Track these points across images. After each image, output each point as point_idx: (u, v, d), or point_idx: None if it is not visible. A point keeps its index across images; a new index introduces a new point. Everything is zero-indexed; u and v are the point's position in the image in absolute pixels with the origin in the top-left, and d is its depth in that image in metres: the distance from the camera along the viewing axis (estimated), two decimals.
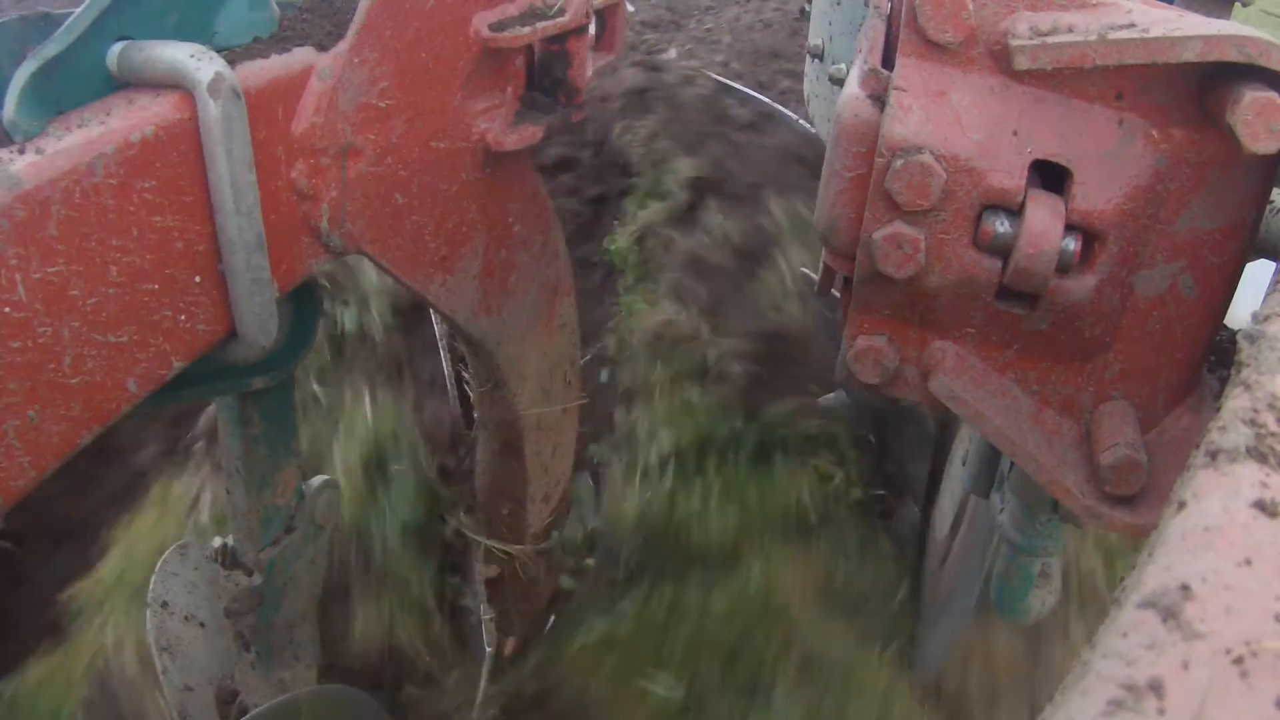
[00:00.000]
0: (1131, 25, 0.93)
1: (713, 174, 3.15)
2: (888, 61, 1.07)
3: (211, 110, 1.09)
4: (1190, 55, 0.88)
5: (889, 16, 1.19)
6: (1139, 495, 0.99)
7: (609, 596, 2.52)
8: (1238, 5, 1.53)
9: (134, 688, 2.19)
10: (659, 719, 2.27)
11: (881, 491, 2.72)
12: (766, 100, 3.41)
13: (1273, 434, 0.57)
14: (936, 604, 2.37)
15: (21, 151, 0.98)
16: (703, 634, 2.37)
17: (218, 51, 1.12)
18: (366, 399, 2.67)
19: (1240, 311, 0.95)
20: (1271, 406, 0.60)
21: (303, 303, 1.58)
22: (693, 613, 2.41)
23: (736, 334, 2.83)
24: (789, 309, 2.84)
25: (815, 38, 2.55)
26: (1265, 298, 0.83)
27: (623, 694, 2.29)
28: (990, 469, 1.58)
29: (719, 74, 3.70)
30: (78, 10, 1.05)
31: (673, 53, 4.09)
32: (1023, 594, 1.53)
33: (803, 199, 2.97)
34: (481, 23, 1.51)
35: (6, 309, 0.96)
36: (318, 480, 1.89)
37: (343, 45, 1.31)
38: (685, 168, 3.20)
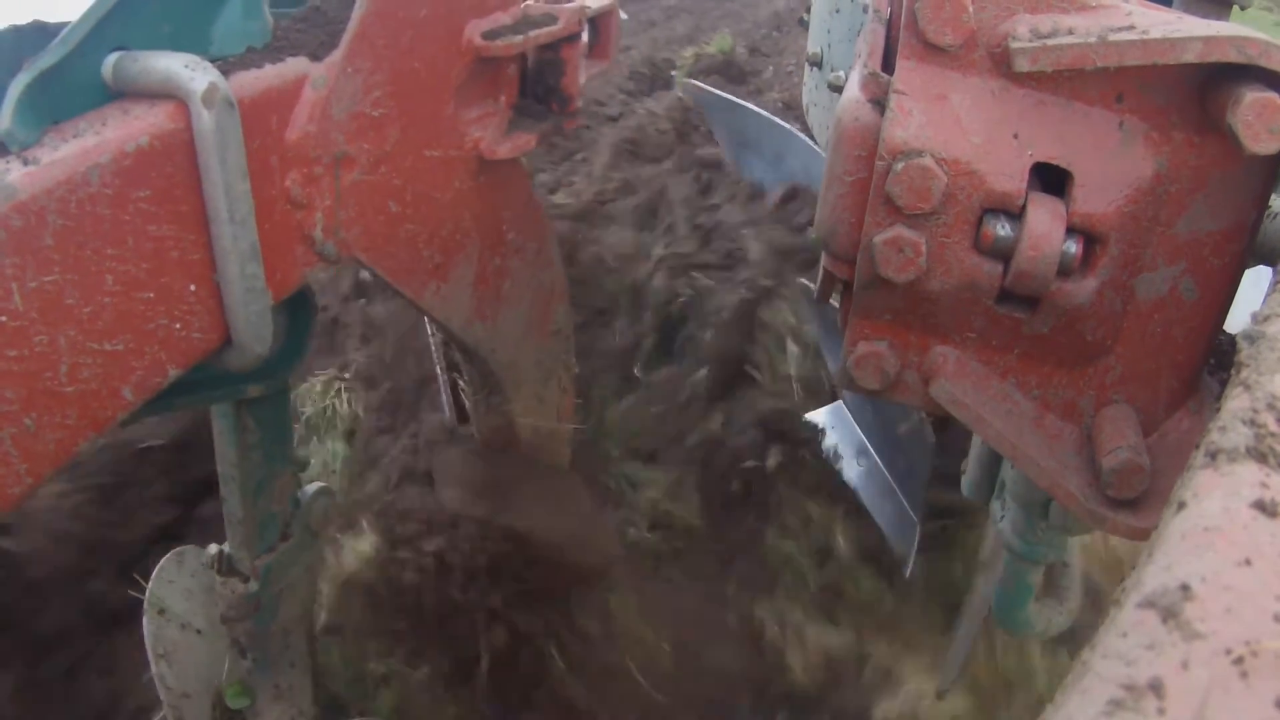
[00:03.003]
0: (1131, 27, 0.93)
1: None
2: (888, 65, 1.06)
3: (205, 120, 1.09)
4: (1190, 56, 0.88)
5: (889, 20, 1.18)
6: (1141, 498, 0.98)
7: None
8: (1236, 8, 1.53)
9: None
10: None
11: None
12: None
13: (1273, 434, 0.57)
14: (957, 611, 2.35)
15: (18, 161, 0.97)
16: None
17: (212, 61, 1.12)
18: None
19: (1240, 313, 0.94)
20: (1271, 407, 0.59)
21: (297, 310, 1.58)
22: None
23: None
24: None
25: (814, 45, 2.55)
26: (1265, 298, 0.82)
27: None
28: (990, 475, 1.57)
29: None
30: (73, 21, 1.05)
31: None
32: (1021, 603, 1.52)
33: None
34: (474, 31, 1.51)
35: (3, 318, 0.95)
36: (313, 487, 1.88)
37: (336, 54, 1.31)
38: None
